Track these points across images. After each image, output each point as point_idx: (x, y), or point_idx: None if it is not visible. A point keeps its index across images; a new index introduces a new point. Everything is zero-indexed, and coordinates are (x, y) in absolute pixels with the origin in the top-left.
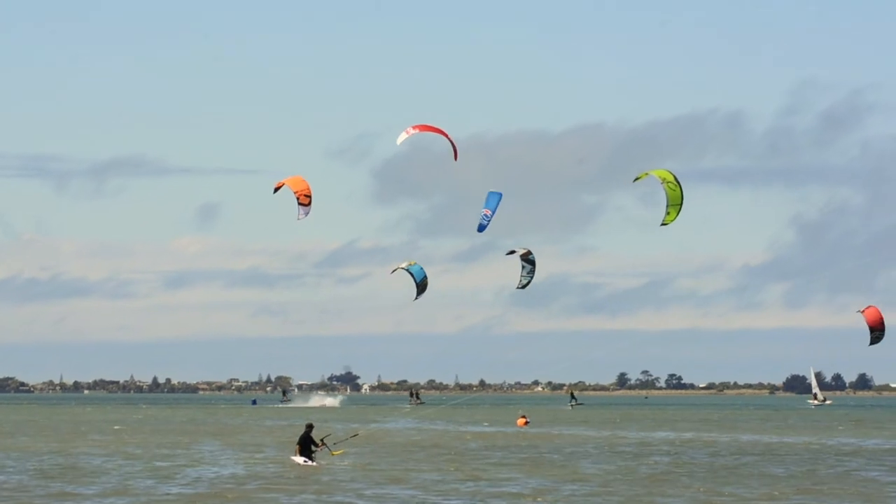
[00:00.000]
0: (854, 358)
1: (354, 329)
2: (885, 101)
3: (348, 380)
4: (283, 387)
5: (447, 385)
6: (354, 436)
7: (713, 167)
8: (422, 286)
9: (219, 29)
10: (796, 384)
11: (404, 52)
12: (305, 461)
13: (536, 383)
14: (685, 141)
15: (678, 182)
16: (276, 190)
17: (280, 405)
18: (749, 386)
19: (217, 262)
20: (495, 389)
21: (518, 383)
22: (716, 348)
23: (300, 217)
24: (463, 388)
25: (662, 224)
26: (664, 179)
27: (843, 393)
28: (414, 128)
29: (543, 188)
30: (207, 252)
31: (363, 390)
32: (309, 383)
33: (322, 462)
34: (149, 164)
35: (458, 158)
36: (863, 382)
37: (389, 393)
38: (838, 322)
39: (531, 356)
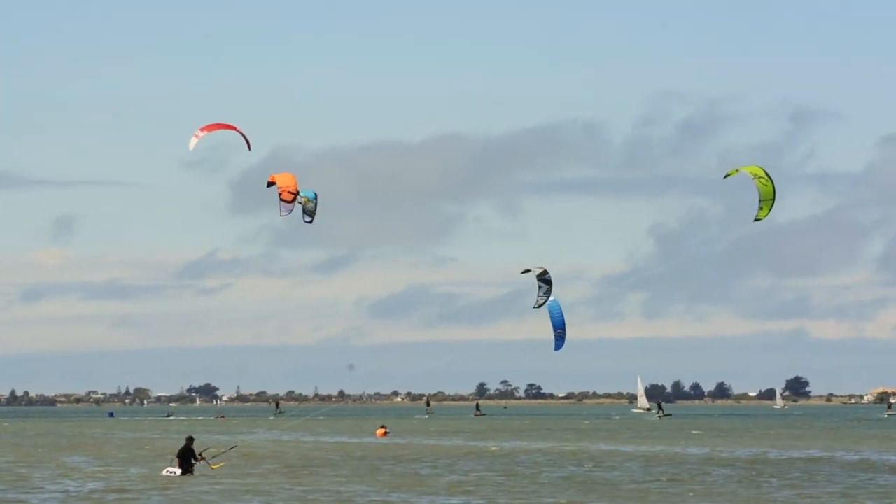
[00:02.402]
0: (712, 367)
1: (214, 341)
2: (742, 112)
3: (207, 391)
4: (275, 401)
5: (307, 396)
6: (233, 448)
7: (572, 177)
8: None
9: (73, 37)
10: (655, 393)
11: (260, 63)
12: (170, 472)
13: (396, 394)
14: (544, 151)
15: (769, 177)
16: (269, 185)
17: (273, 417)
18: (608, 395)
19: (75, 275)
20: (355, 400)
21: (377, 394)
22: (575, 358)
23: (282, 214)
24: (322, 398)
25: (756, 220)
26: (755, 175)
27: (702, 402)
28: (202, 129)
29: (403, 199)
30: (65, 264)
31: (221, 402)
32: (167, 395)
33: (199, 475)
34: (3, 176)
35: (251, 149)
36: (721, 391)
37: (248, 404)
38: (697, 331)
39: (391, 367)
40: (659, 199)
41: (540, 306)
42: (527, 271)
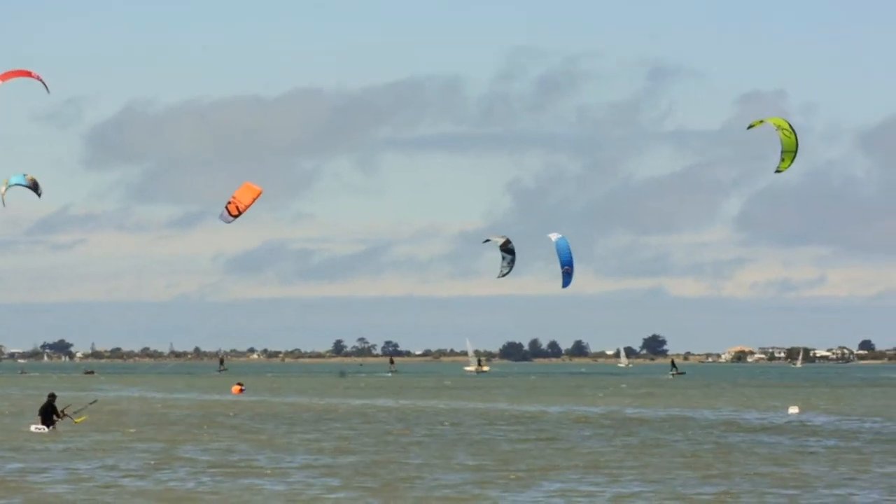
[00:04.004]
0: (570, 325)
1: (67, 297)
2: (601, 69)
3: (61, 347)
4: (220, 357)
5: (162, 353)
6: (93, 402)
7: (430, 133)
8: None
9: None
10: (513, 351)
11: (114, 15)
12: (39, 429)
13: (252, 350)
14: (402, 106)
15: (793, 129)
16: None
17: (217, 373)
18: (465, 353)
19: None
20: (211, 357)
21: (234, 350)
22: (433, 315)
23: (221, 217)
24: (178, 355)
25: (777, 171)
26: (779, 126)
27: (560, 360)
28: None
29: (260, 154)
30: None
31: (76, 358)
32: (21, 351)
33: (62, 430)
34: None
35: (49, 92)
36: (579, 349)
37: (103, 361)
38: (555, 290)
39: (247, 323)
40: (517, 155)
41: (504, 276)
42: (487, 241)
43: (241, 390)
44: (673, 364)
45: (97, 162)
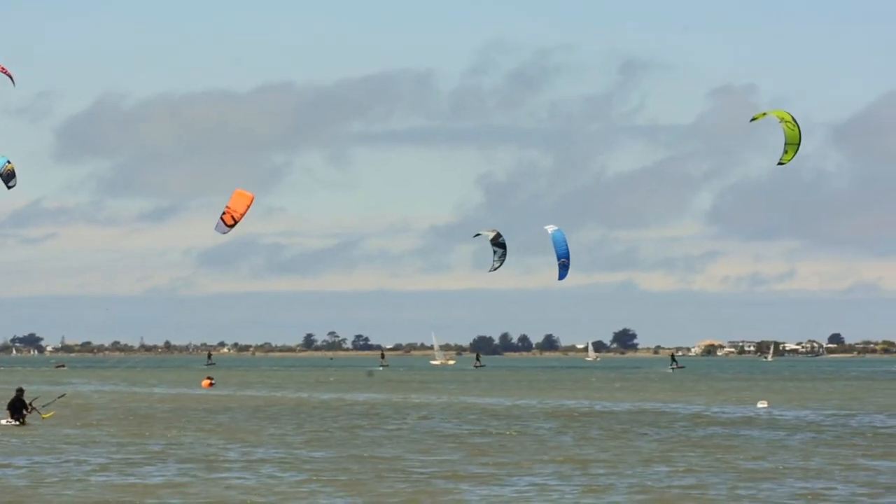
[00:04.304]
0: (541, 320)
1: (38, 290)
2: (573, 62)
3: (31, 341)
4: (207, 351)
5: (132, 347)
6: (62, 396)
7: (402, 127)
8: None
9: None
10: (483, 345)
11: (86, 9)
12: (10, 422)
13: (223, 345)
14: (374, 101)
15: (796, 121)
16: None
17: (205, 367)
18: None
19: None
20: (181, 351)
21: (204, 345)
22: (403, 309)
23: (216, 229)
24: (148, 349)
25: (779, 163)
26: (782, 119)
27: (530, 354)
28: None
29: (232, 148)
30: None
31: (46, 352)
32: None
33: (32, 423)
34: None
35: (15, 85)
36: (549, 343)
37: (73, 355)
38: (526, 284)
39: (217, 317)
40: (489, 150)
41: (495, 269)
42: (478, 235)
43: (211, 384)
44: (673, 358)
45: (69, 156)
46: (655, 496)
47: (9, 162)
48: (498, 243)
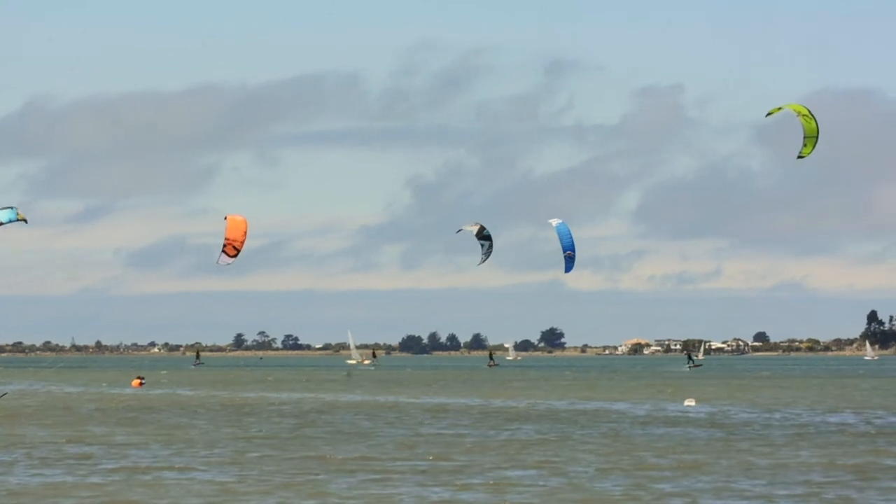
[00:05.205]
0: (469, 319)
1: None
2: (499, 63)
3: None
4: (196, 351)
5: (63, 347)
6: (3, 395)
7: (330, 128)
8: None
9: None
10: (412, 344)
11: (15, 10)
12: None
13: (153, 344)
14: (303, 101)
15: (812, 115)
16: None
17: (193, 367)
18: (366, 346)
19: None
20: (112, 351)
21: (135, 344)
22: (332, 308)
23: (218, 262)
24: (79, 349)
25: (799, 157)
26: (799, 112)
27: (459, 353)
28: None
29: (160, 149)
30: None
31: None
32: None
33: None
34: None
35: None
36: (477, 343)
37: (5, 355)
38: (454, 283)
39: (148, 317)
40: (417, 150)
41: (484, 262)
42: (460, 231)
43: (142, 384)
44: (689, 356)
45: None
46: (588, 495)
47: (17, 212)
48: (483, 236)
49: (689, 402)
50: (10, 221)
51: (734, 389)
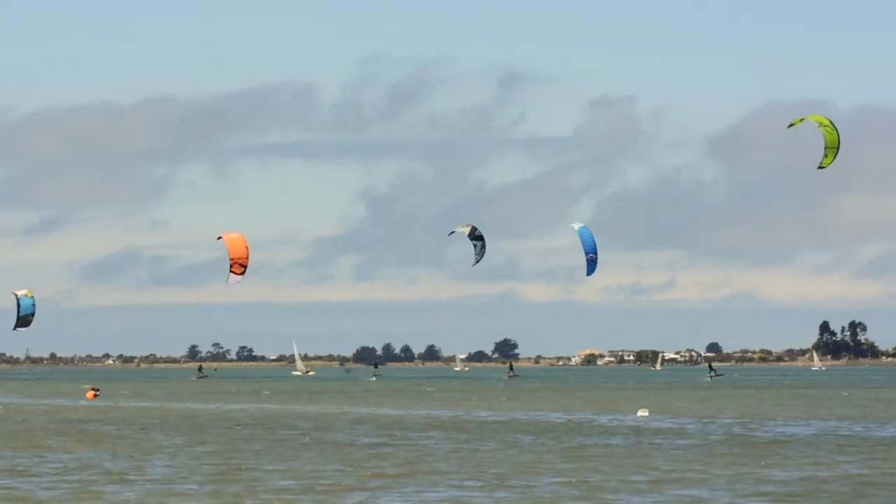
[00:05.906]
0: (423, 330)
1: None
2: (452, 75)
3: None
4: (199, 363)
5: (18, 359)
6: None
7: (283, 140)
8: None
9: None
10: (366, 355)
11: None
12: None
13: (107, 356)
14: (256, 114)
15: (834, 126)
16: (219, 239)
17: (195, 380)
18: (320, 358)
19: None
20: (66, 363)
21: (89, 356)
22: (287, 320)
23: (228, 282)
24: (34, 361)
25: (820, 167)
26: (821, 123)
27: (413, 364)
28: None
29: (115, 161)
30: None
31: None
32: None
33: None
34: None
35: None
36: (431, 354)
37: None
38: (408, 294)
39: (102, 329)
40: (370, 162)
41: (477, 263)
42: (452, 233)
43: (96, 395)
44: (710, 366)
45: None
46: None
47: (33, 299)
48: (475, 237)
49: (643, 413)
50: (28, 314)
51: (690, 400)
